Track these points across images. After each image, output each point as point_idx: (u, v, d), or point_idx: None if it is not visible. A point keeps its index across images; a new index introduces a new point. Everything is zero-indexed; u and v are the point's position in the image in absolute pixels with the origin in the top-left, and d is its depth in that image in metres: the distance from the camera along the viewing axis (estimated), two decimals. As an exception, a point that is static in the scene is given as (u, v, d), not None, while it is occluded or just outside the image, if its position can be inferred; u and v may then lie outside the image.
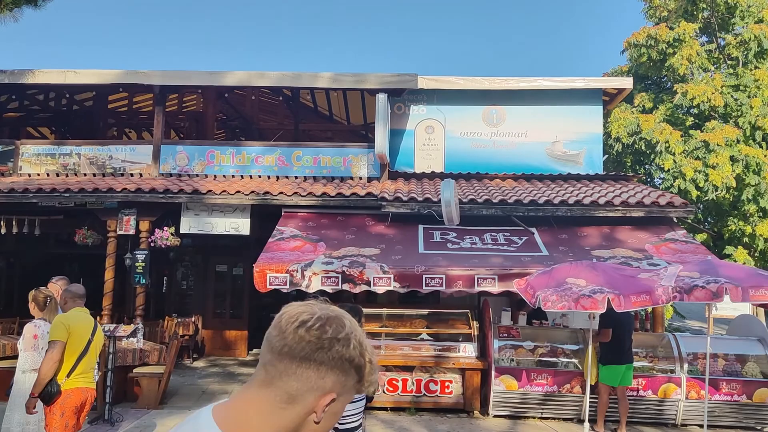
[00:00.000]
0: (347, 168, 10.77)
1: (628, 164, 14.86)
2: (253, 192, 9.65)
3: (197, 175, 10.79)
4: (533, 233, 9.25)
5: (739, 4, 13.42)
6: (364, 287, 7.87)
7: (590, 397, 7.44)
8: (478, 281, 7.86)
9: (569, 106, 11.67)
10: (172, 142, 11.70)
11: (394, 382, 8.17)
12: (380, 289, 7.91)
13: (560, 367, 7.96)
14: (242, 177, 10.72)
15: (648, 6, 16.04)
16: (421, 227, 9.37)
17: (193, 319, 11.93)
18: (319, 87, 11.89)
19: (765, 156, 12.31)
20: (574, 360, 8.00)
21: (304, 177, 10.72)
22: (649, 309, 9.12)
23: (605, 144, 13.11)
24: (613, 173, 11.95)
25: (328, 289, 7.87)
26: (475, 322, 8.54)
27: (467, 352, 8.32)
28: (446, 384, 8.17)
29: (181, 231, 9.92)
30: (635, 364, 7.99)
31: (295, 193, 9.66)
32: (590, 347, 7.41)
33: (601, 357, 7.38)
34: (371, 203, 9.52)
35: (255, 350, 13.06)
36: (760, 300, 6.52)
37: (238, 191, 9.67)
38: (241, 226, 9.92)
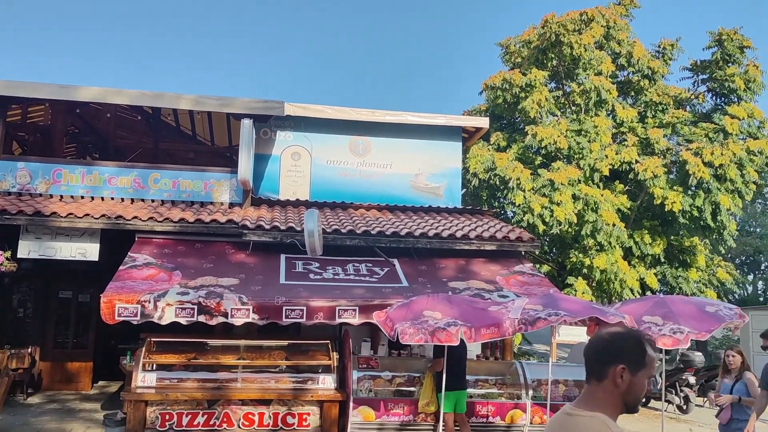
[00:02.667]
0: (208, 193, 10.44)
1: (484, 198, 15.71)
2: (104, 216, 9.06)
3: (41, 195, 9.94)
4: (395, 264, 9.47)
5: (582, 56, 14.78)
6: (221, 319, 7.62)
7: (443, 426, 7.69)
8: (339, 313, 7.89)
9: (432, 140, 12.18)
10: (12, 158, 10.71)
11: (250, 416, 7.94)
12: (238, 321, 7.68)
13: (417, 396, 8.15)
14: (93, 199, 10.03)
15: (504, 52, 17.22)
16: (283, 257, 9.27)
17: (30, 350, 10.86)
18: (181, 108, 11.47)
19: (602, 195, 13.54)
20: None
21: (162, 201, 10.24)
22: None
23: (464, 178, 13.79)
24: (470, 207, 12.59)
25: (183, 321, 7.53)
26: (335, 353, 8.53)
27: (326, 383, 8.29)
28: (304, 417, 8.07)
29: (19, 255, 9.06)
30: (485, 391, 8.40)
31: (151, 218, 9.19)
32: (427, 376, 7.73)
33: (437, 385, 7.66)
34: (232, 231, 9.29)
35: (101, 382, 12.14)
36: (594, 330, 7.13)
37: (87, 214, 9.04)
38: (90, 251, 9.26)
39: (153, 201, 10.22)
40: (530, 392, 8.37)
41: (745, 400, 6.19)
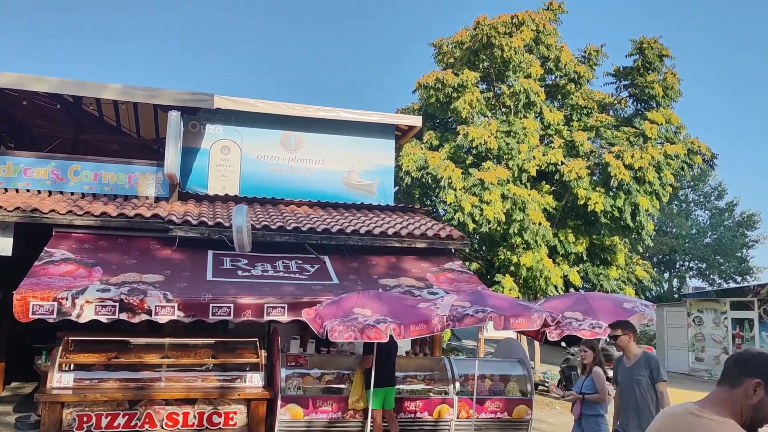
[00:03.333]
0: (133, 186, 10.08)
1: (416, 196, 15.86)
2: (18, 208, 8.59)
3: (-52, 185, 9.34)
4: (325, 261, 9.43)
5: (512, 59, 15.13)
6: (145, 317, 7.37)
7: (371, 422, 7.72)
8: (267, 310, 7.79)
9: (365, 138, 12.19)
10: None
11: (174, 416, 7.73)
12: (162, 319, 7.46)
13: (345, 393, 8.14)
14: (6, 191, 9.50)
15: (437, 52, 17.41)
16: (211, 253, 9.06)
17: (-67, 351, 10.19)
18: (105, 98, 11.01)
19: (529, 195, 13.92)
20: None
21: (82, 194, 9.81)
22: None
23: (396, 176, 13.87)
24: (402, 205, 12.68)
25: (103, 319, 7.24)
26: (263, 351, 8.42)
27: (254, 381, 8.16)
28: (230, 416, 7.92)
29: None
30: (414, 387, 8.49)
31: (70, 211, 8.79)
32: (357, 373, 7.77)
33: (367, 381, 7.69)
34: (158, 226, 9.00)
35: (14, 384, 11.52)
36: (518, 327, 7.31)
37: (0, 206, 8.54)
38: (2, 246, 8.76)
39: (73, 194, 9.78)
40: (457, 387, 8.51)
41: (589, 397, 6.19)
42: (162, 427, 7.68)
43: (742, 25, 65.70)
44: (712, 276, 33.64)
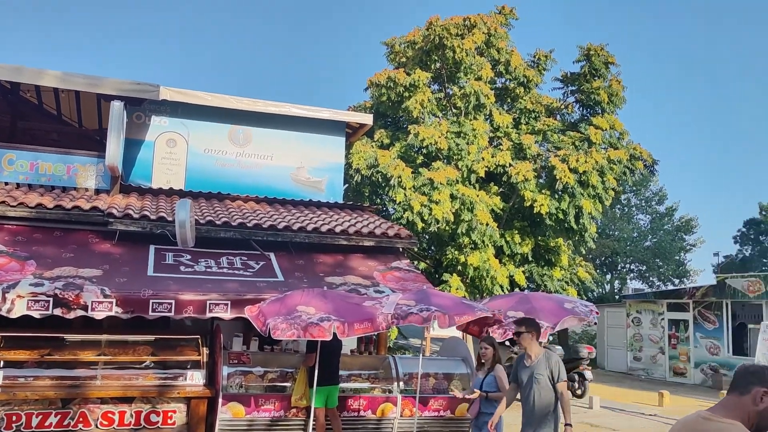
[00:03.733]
0: (72, 177, 9.73)
1: (366, 194, 15.87)
2: (-54, 198, 8.18)
3: None
4: (271, 258, 9.31)
5: (463, 61, 15.30)
6: (81, 313, 7.13)
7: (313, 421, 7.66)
8: (210, 307, 7.64)
9: (315, 134, 12.09)
10: None
11: (109, 415, 7.48)
12: (99, 315, 7.22)
13: (288, 391, 8.06)
14: (-67, 179, 9.04)
15: (390, 51, 17.45)
16: (152, 248, 8.83)
17: None
18: (45, 85, 10.58)
19: (477, 196, 14.10)
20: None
21: (17, 184, 9.41)
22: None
23: (346, 174, 13.84)
24: (351, 203, 12.64)
25: (36, 315, 6.97)
26: (205, 348, 8.24)
27: (194, 380, 7.98)
28: (169, 414, 7.72)
29: None
30: (358, 385, 8.47)
31: (3, 202, 8.42)
32: (300, 371, 7.72)
33: (311, 380, 7.64)
34: (97, 219, 8.72)
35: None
36: (477, 332, 7.43)
37: (-74, 195, 8.12)
38: (-72, 236, 8.32)
39: (7, 184, 9.37)
40: (401, 385, 8.54)
41: (492, 395, 6.12)
42: (97, 427, 7.44)
43: (687, 38, 68.27)
44: (651, 278, 34.84)
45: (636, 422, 11.77)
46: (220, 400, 7.64)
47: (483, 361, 6.45)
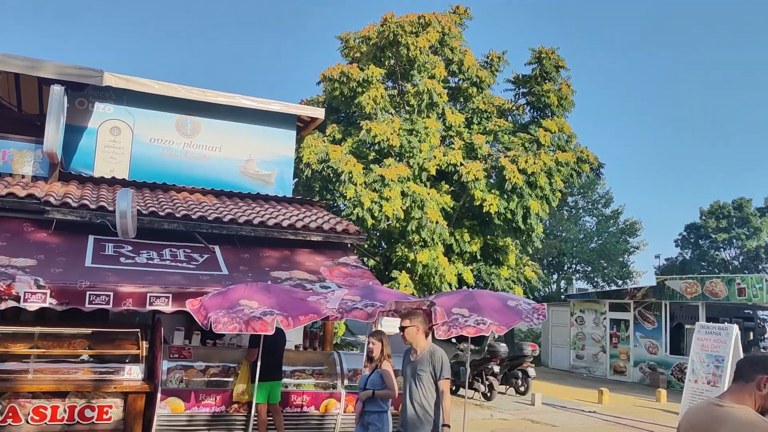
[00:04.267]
0: (7, 163, 9.35)
1: (317, 189, 15.76)
2: None
3: None
4: (215, 251, 9.14)
5: (417, 59, 15.35)
6: (12, 303, 6.84)
7: (254, 417, 7.56)
8: (150, 300, 7.44)
9: (265, 126, 11.93)
10: None
11: (41, 410, 7.21)
12: (32, 306, 6.94)
13: (230, 386, 7.93)
14: None
15: (344, 45, 17.38)
16: (91, 238, 8.54)
17: None
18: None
19: (428, 194, 14.17)
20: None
21: (-52, 169, 8.98)
22: (319, 323, 9.67)
23: (297, 168, 13.70)
24: (300, 197, 12.53)
25: (-37, 305, 6.64)
26: (145, 342, 8.03)
27: (132, 374, 7.77)
28: (105, 409, 7.50)
29: None
30: (301, 381, 8.40)
31: (-69, 186, 8.01)
32: (243, 366, 7.62)
33: (253, 374, 7.53)
34: (33, 207, 8.38)
35: None
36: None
37: None
38: None
39: (-64, 168, 8.93)
40: (346, 381, 8.51)
41: (379, 393, 5.75)
42: (27, 422, 7.15)
43: (638, 49, 70.26)
44: (596, 279, 35.74)
45: (576, 419, 12.05)
46: (159, 395, 7.46)
47: (371, 356, 5.98)
